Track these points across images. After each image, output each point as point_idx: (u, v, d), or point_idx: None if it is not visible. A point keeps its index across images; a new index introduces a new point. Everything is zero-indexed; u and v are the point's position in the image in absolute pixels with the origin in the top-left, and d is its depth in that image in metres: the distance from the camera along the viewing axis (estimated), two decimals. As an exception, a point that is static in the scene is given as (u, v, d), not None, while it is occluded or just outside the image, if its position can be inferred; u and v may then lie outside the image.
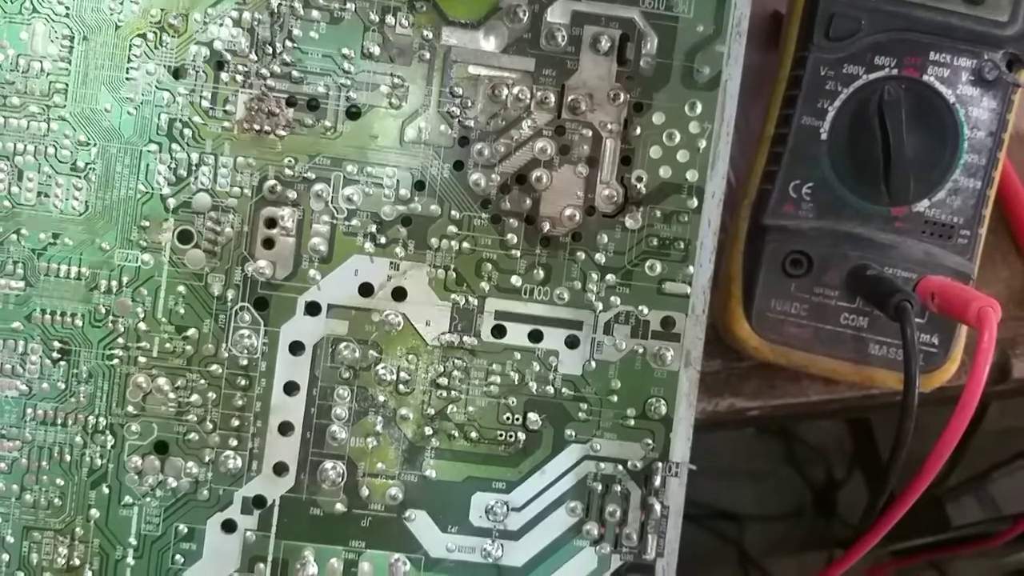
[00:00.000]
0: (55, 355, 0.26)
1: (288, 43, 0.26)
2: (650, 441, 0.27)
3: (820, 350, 0.30)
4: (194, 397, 0.26)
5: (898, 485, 0.28)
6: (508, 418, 0.27)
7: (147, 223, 0.26)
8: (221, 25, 0.26)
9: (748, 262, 0.30)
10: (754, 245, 0.29)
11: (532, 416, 0.27)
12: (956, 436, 0.27)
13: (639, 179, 0.26)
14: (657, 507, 0.27)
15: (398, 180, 0.26)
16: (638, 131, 0.26)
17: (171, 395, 0.26)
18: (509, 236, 0.26)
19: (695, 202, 0.26)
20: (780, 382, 0.33)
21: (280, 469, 0.26)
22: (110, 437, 0.26)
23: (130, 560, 0.26)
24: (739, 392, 0.33)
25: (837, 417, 0.36)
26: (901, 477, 0.28)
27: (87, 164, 0.26)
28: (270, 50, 0.26)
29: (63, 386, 0.26)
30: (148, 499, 0.26)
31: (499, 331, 0.27)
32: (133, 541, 0.26)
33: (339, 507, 0.26)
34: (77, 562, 0.26)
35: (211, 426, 0.26)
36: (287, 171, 0.26)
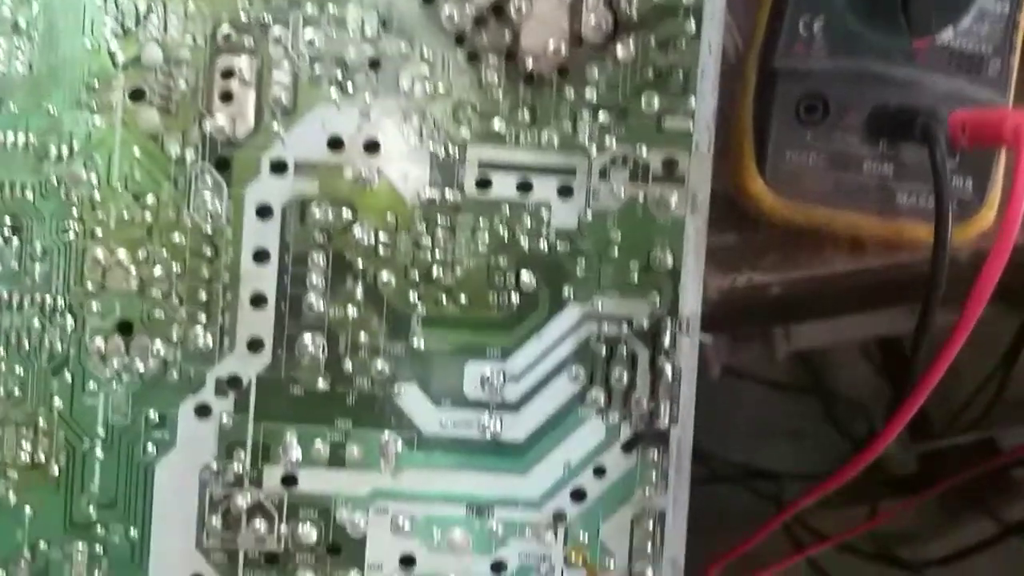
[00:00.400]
0: (5, 232, 0.24)
1: None
2: (656, 296, 0.24)
3: (842, 203, 0.27)
4: (157, 270, 0.24)
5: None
6: (499, 279, 0.24)
7: (96, 82, 0.24)
8: None
9: (759, 113, 0.27)
10: (764, 94, 0.27)
11: (525, 275, 0.24)
12: (995, 274, 0.24)
13: (629, 2, 0.24)
14: (668, 369, 0.24)
15: (363, 19, 0.24)
16: (624, -52, 0.24)
17: (132, 269, 0.24)
18: (488, 75, 0.24)
19: (692, 25, 0.24)
20: (801, 254, 0.30)
21: (255, 345, 0.24)
22: (70, 319, 0.24)
23: (99, 452, 0.24)
24: (757, 266, 0.30)
25: (862, 301, 0.34)
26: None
27: (28, 22, 0.24)
28: None
29: (16, 266, 0.24)
30: (114, 385, 0.24)
31: (484, 183, 0.24)
32: (101, 432, 0.24)
33: (321, 385, 0.24)
34: (42, 457, 0.24)
35: (177, 301, 0.24)
36: (242, 16, 0.24)
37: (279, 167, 0.24)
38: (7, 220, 0.24)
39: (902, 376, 0.26)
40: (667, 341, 0.24)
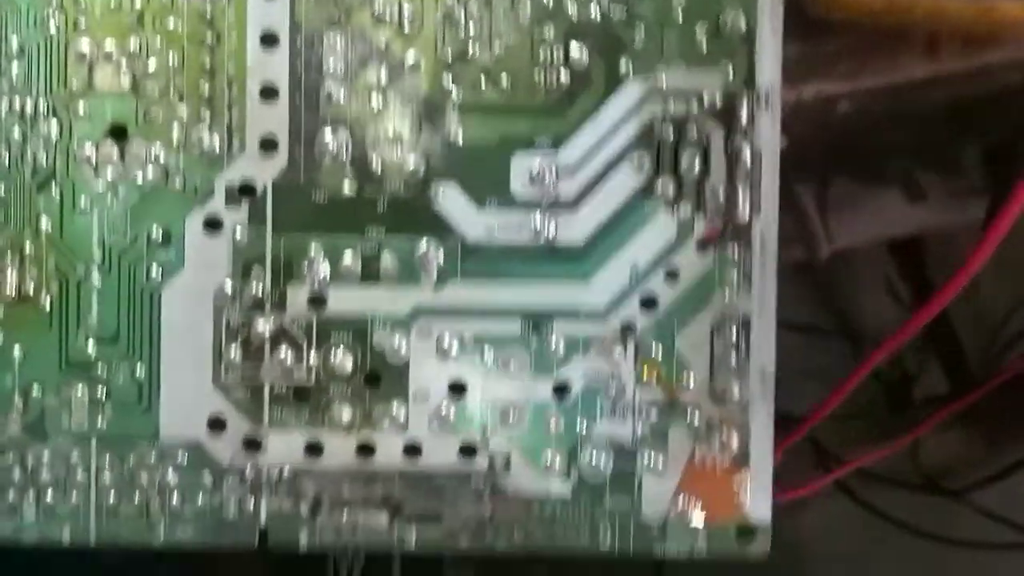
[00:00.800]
0: (-24, 30, 0.22)
1: None
2: (729, 66, 0.22)
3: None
4: (151, 63, 0.22)
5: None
6: (545, 55, 0.22)
7: None
8: None
9: None
10: None
11: (575, 47, 0.22)
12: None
13: None
14: (747, 150, 0.21)
15: None
16: None
17: (123, 63, 0.22)
18: None
19: None
20: (873, 60, 0.28)
21: (268, 145, 0.22)
22: (54, 124, 0.22)
23: (95, 280, 0.22)
24: (826, 76, 0.28)
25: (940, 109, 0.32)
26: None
27: None
28: None
29: (-9, 67, 0.22)
30: (109, 199, 0.22)
31: (525, -57, 0.22)
32: (96, 255, 0.22)
33: (347, 188, 0.22)
34: (31, 288, 0.22)
35: (176, 98, 0.22)
36: None
37: (286, -65, 0.22)
38: (-21, 14, 0.22)
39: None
40: (744, 118, 0.22)
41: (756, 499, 0.22)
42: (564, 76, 0.22)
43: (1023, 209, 0.23)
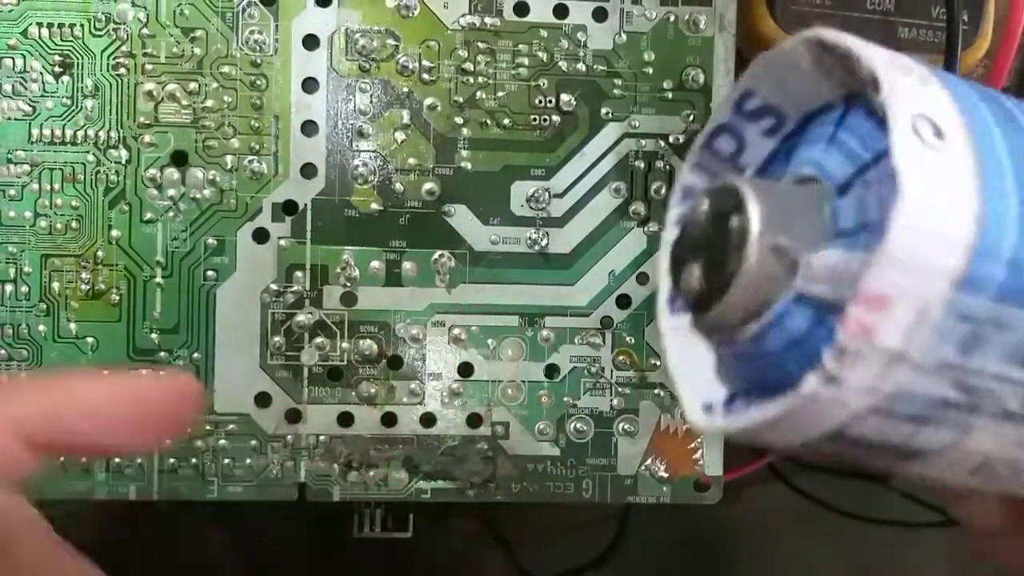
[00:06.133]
0: (56, 70, 0.24)
1: None
2: (690, 112, 0.26)
3: (849, 40, 0.29)
4: (209, 101, 0.25)
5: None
6: (540, 101, 0.26)
7: (140, -86, 0.24)
8: None
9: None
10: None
11: (565, 96, 0.25)
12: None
13: None
14: (701, 180, 0.26)
15: None
16: None
17: (184, 102, 0.25)
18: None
19: None
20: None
21: (308, 170, 0.25)
22: (124, 151, 0.25)
23: (159, 279, 0.25)
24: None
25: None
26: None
27: None
28: None
29: (69, 102, 0.25)
30: (171, 213, 0.25)
31: (522, 8, 0.25)
32: (160, 259, 0.25)
33: (374, 206, 0.25)
34: (103, 287, 0.25)
35: (231, 130, 0.25)
36: None
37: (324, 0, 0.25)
38: (57, 58, 0.24)
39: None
40: None
41: (710, 459, 0.26)
42: (556, 118, 0.25)
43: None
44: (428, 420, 0.26)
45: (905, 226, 0.12)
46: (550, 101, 0.25)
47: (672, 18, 0.26)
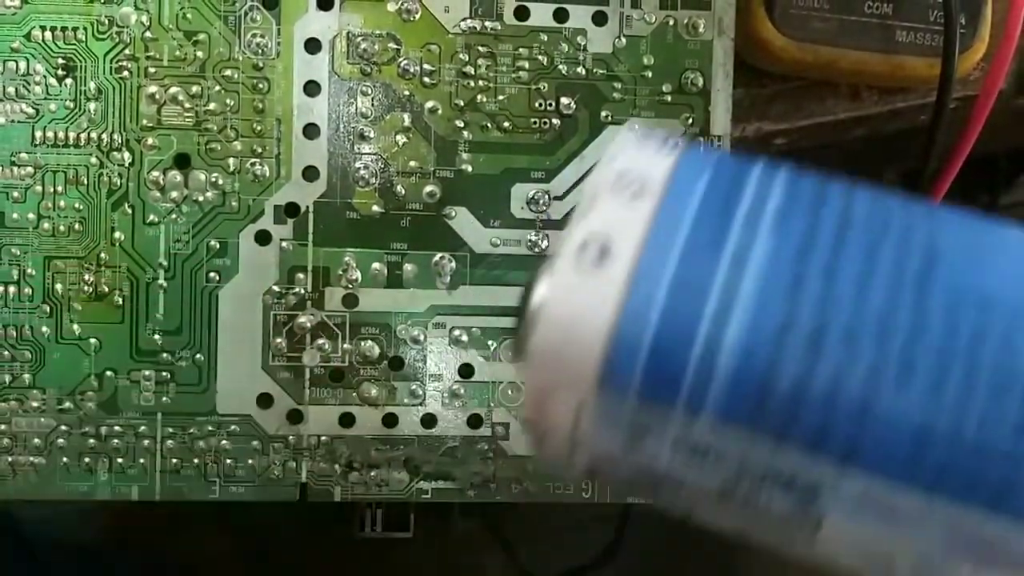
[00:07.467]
0: (59, 73, 0.25)
1: None
2: (689, 116, 0.26)
3: (847, 43, 0.29)
4: (212, 104, 0.25)
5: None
6: (540, 104, 0.26)
7: (142, -82, 0.24)
8: None
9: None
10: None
11: (565, 100, 0.26)
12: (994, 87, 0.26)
13: None
14: (700, 183, 0.26)
15: None
16: None
17: (187, 104, 0.25)
18: (527, -95, 0.25)
19: None
20: (805, 103, 0.32)
21: (310, 173, 0.25)
22: (127, 154, 0.25)
23: (162, 281, 0.25)
24: (765, 116, 0.32)
25: (861, 142, 0.36)
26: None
27: None
28: None
29: (72, 105, 0.25)
30: (174, 215, 0.25)
31: (522, 12, 0.26)
32: (163, 261, 0.25)
33: (375, 209, 0.25)
34: (106, 288, 0.25)
35: (233, 133, 0.25)
36: None
37: (325, 3, 0.25)
38: (60, 61, 0.25)
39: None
40: None
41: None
42: (556, 122, 0.26)
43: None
44: (429, 421, 0.26)
45: (543, 336, 0.14)
46: (550, 104, 0.26)
47: (671, 22, 0.26)
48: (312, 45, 0.25)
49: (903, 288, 0.14)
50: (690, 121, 0.26)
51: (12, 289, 0.25)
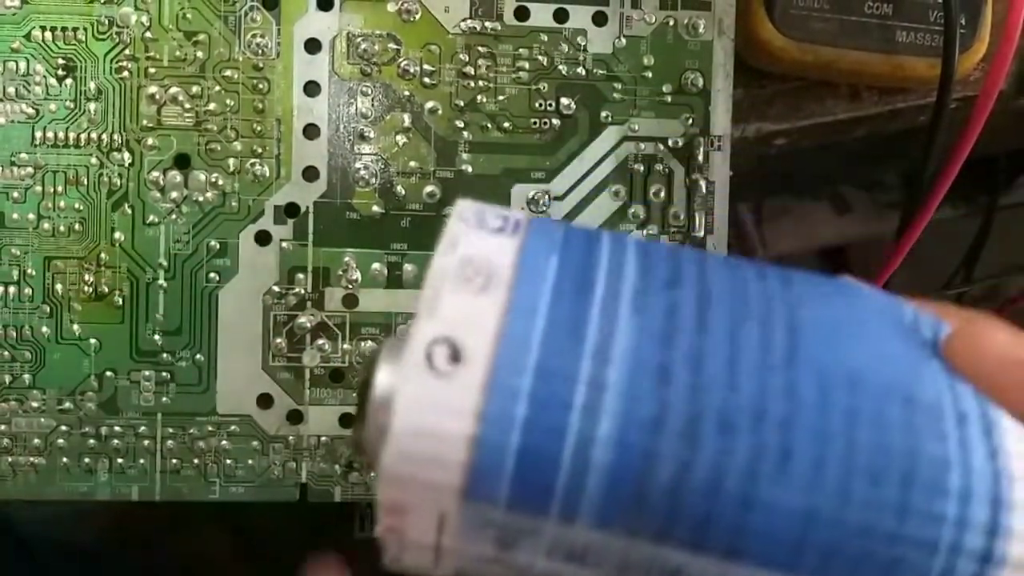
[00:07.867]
0: (60, 73, 0.25)
1: None
2: (689, 116, 0.26)
3: (847, 43, 0.29)
4: (212, 104, 0.25)
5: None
6: (540, 104, 0.26)
7: (142, -82, 0.24)
8: None
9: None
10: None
11: (565, 100, 0.26)
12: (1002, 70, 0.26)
13: None
14: (702, 183, 0.26)
15: None
16: None
17: (187, 105, 0.25)
18: (526, -94, 0.25)
19: None
20: (805, 103, 0.32)
21: (310, 173, 0.25)
22: (127, 154, 0.25)
23: (162, 281, 0.25)
24: (764, 116, 0.32)
25: (861, 143, 0.36)
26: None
27: None
28: None
29: (72, 105, 0.25)
30: (174, 216, 0.25)
31: (522, 13, 0.25)
32: (163, 261, 0.25)
33: (376, 209, 0.25)
34: (105, 289, 0.25)
35: (233, 133, 0.25)
36: None
37: (325, 3, 0.25)
38: (60, 62, 0.25)
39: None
40: (700, 157, 0.26)
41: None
42: (556, 122, 0.26)
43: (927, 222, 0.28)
44: (428, 421, 0.26)
45: (395, 451, 0.13)
46: (550, 105, 0.26)
47: (671, 22, 0.26)
48: (312, 45, 0.25)
49: (772, 371, 0.13)
50: (690, 121, 0.26)
51: (12, 289, 0.25)
